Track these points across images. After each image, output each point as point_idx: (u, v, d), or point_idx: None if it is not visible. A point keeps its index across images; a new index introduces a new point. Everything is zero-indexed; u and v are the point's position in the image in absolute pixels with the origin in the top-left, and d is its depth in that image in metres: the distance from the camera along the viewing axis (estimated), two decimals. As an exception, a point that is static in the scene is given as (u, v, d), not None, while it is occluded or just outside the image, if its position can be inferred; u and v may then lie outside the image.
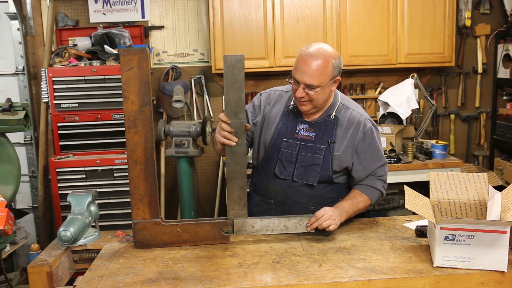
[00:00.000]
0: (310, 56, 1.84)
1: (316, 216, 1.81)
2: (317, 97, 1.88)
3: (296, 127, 2.00)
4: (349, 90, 4.21)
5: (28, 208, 4.01)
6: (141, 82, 1.73)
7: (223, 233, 1.80)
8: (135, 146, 1.76)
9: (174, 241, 1.79)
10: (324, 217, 1.80)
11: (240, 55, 1.71)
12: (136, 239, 1.79)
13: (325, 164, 1.96)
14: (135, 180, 1.77)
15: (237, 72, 1.71)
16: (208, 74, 4.08)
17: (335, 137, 1.96)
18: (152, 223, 1.78)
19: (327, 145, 1.95)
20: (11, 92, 3.89)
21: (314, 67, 1.83)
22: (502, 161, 4.17)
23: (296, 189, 2.00)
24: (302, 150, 1.97)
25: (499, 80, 4.25)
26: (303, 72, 1.84)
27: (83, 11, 3.95)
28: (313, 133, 1.98)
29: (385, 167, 2.05)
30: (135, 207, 1.78)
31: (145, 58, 1.72)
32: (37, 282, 1.62)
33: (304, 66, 1.84)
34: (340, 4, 3.74)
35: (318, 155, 1.95)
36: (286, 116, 2.02)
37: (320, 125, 1.98)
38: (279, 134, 2.00)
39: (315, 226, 1.80)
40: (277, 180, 2.02)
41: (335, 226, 1.80)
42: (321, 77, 1.84)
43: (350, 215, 1.94)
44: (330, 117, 1.98)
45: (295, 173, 1.98)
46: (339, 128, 1.97)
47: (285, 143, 1.99)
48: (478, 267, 1.52)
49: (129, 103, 1.74)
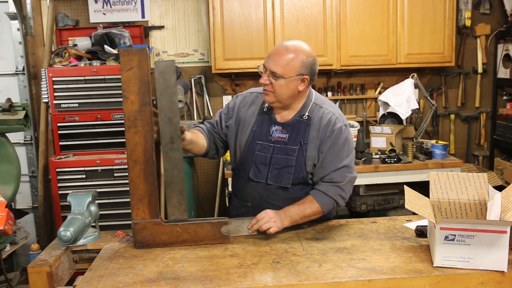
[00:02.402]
0: (283, 47, 1.88)
1: (256, 218, 1.82)
2: (279, 89, 1.87)
3: (270, 129, 1.98)
4: (349, 90, 4.21)
5: (28, 208, 4.01)
6: (141, 82, 1.73)
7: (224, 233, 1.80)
8: (135, 146, 1.76)
9: (174, 241, 1.79)
10: (264, 219, 1.80)
11: (171, 61, 1.74)
12: (136, 239, 1.79)
13: (299, 166, 1.93)
14: (135, 180, 1.77)
15: (169, 78, 1.72)
16: (208, 74, 4.08)
17: (307, 137, 1.93)
18: (152, 223, 1.78)
19: (300, 146, 1.93)
20: (11, 92, 3.88)
21: (282, 56, 1.85)
22: (502, 161, 4.17)
23: (272, 192, 1.98)
24: (276, 152, 1.95)
25: (499, 80, 4.25)
26: (271, 59, 1.87)
27: (83, 11, 3.95)
28: (286, 135, 1.95)
29: (345, 173, 1.92)
30: (135, 207, 1.78)
31: (145, 58, 1.72)
32: (37, 282, 1.62)
33: (274, 54, 1.88)
34: (340, 4, 3.74)
35: (291, 157, 1.93)
36: (260, 119, 2.01)
37: (293, 126, 1.95)
38: (253, 137, 1.99)
39: (256, 228, 1.80)
40: (252, 183, 2.01)
41: (276, 229, 1.80)
42: (286, 68, 1.84)
43: (296, 220, 1.88)
44: (303, 117, 1.95)
45: (269, 176, 1.96)
46: (312, 128, 1.93)
47: (259, 146, 1.97)
48: (478, 267, 1.52)
49: (129, 103, 1.74)
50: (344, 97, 4.19)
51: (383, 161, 3.54)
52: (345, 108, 4.25)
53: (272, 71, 1.85)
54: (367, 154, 3.57)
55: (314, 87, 4.13)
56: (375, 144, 3.76)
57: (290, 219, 1.86)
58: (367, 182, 3.58)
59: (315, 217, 1.93)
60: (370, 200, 3.74)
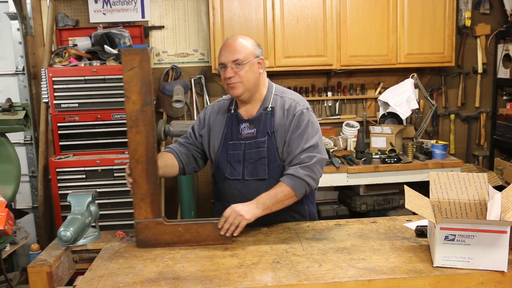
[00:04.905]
0: (231, 40, 1.99)
1: (224, 216, 1.80)
2: (246, 75, 1.94)
3: (239, 128, 2.04)
4: (349, 90, 4.21)
5: (28, 208, 4.01)
6: (143, 82, 1.73)
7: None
8: (137, 146, 1.76)
9: (176, 241, 1.79)
10: (231, 216, 1.79)
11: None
12: (138, 238, 1.79)
13: (271, 155, 1.98)
14: (137, 180, 1.77)
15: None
16: (208, 74, 4.08)
17: (273, 127, 1.99)
18: (154, 222, 1.78)
19: (268, 136, 1.99)
20: (11, 92, 3.89)
21: (236, 46, 1.95)
22: (502, 161, 4.17)
23: (250, 187, 2.01)
24: (247, 148, 2.01)
25: (499, 80, 4.25)
26: (227, 52, 1.95)
27: (83, 11, 3.95)
28: (253, 129, 2.02)
29: (312, 153, 1.93)
30: (137, 206, 1.78)
31: (147, 58, 1.72)
32: (37, 282, 1.62)
33: (226, 48, 1.96)
34: (340, 4, 3.74)
35: (262, 148, 1.98)
36: (229, 121, 2.07)
37: (260, 120, 2.02)
38: (225, 139, 2.05)
39: (226, 228, 1.78)
40: (230, 181, 2.04)
41: (245, 222, 1.79)
42: (244, 52, 1.94)
43: (269, 207, 1.86)
44: (266, 109, 2.02)
45: (245, 172, 2.01)
46: (276, 117, 2.00)
47: (232, 146, 2.03)
48: (478, 267, 1.52)
49: (131, 103, 1.74)
50: (344, 97, 4.19)
51: (383, 161, 3.54)
52: (345, 108, 4.25)
53: (234, 60, 1.93)
54: (367, 154, 3.57)
55: (314, 87, 4.15)
56: (375, 144, 3.76)
57: (263, 205, 1.84)
58: (367, 182, 3.58)
59: (288, 202, 1.91)
60: (370, 200, 3.74)
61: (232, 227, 1.79)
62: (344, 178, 3.52)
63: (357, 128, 3.99)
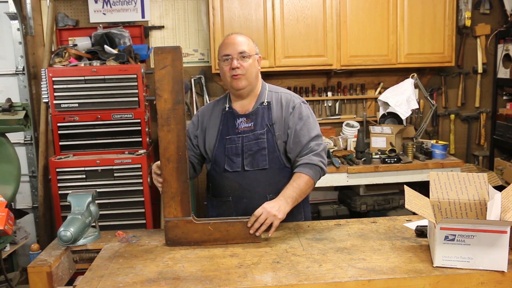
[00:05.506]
0: (231, 35, 2.04)
1: (255, 215, 1.80)
2: (250, 68, 2.00)
3: (235, 123, 2.07)
4: (349, 90, 4.21)
5: (28, 208, 4.01)
6: (175, 80, 1.74)
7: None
8: (168, 144, 1.76)
9: (205, 240, 1.80)
10: (263, 216, 1.79)
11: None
12: (168, 237, 1.79)
13: (271, 147, 2.02)
14: (167, 178, 1.77)
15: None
16: (208, 74, 4.08)
17: (272, 119, 2.04)
18: (184, 221, 1.79)
19: (267, 128, 2.03)
20: (11, 92, 3.88)
21: (240, 40, 2.01)
22: (502, 161, 4.17)
23: (250, 179, 2.03)
24: (245, 141, 2.03)
25: (499, 80, 4.25)
26: (233, 44, 1.99)
27: (83, 11, 3.95)
28: (251, 123, 2.06)
29: (320, 141, 2.05)
30: (167, 205, 1.78)
31: (179, 57, 1.74)
32: (37, 282, 1.62)
33: (231, 41, 2.01)
34: (340, 4, 3.74)
35: (262, 139, 2.02)
36: (225, 118, 2.09)
37: (257, 114, 2.06)
38: (222, 135, 2.07)
39: (256, 227, 1.79)
40: (229, 174, 2.05)
41: (278, 221, 1.81)
42: (249, 46, 2.01)
43: (296, 199, 1.91)
44: (262, 104, 2.07)
45: (245, 163, 2.03)
46: (273, 111, 2.06)
47: (229, 140, 2.06)
48: (478, 267, 1.52)
49: (162, 101, 1.75)
50: (344, 97, 4.19)
51: (383, 161, 3.54)
52: (345, 108, 4.25)
53: (241, 52, 1.98)
54: (367, 154, 3.57)
55: (314, 87, 4.15)
56: (375, 144, 3.76)
57: (291, 199, 1.89)
58: (367, 182, 3.58)
59: (309, 190, 1.99)
60: (370, 200, 3.75)
61: (263, 227, 1.79)
62: (344, 178, 3.52)
63: (357, 128, 3.99)
